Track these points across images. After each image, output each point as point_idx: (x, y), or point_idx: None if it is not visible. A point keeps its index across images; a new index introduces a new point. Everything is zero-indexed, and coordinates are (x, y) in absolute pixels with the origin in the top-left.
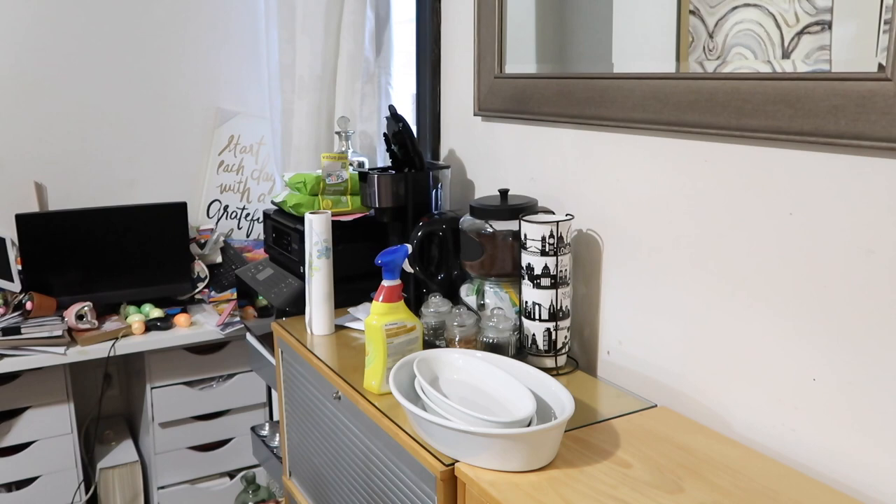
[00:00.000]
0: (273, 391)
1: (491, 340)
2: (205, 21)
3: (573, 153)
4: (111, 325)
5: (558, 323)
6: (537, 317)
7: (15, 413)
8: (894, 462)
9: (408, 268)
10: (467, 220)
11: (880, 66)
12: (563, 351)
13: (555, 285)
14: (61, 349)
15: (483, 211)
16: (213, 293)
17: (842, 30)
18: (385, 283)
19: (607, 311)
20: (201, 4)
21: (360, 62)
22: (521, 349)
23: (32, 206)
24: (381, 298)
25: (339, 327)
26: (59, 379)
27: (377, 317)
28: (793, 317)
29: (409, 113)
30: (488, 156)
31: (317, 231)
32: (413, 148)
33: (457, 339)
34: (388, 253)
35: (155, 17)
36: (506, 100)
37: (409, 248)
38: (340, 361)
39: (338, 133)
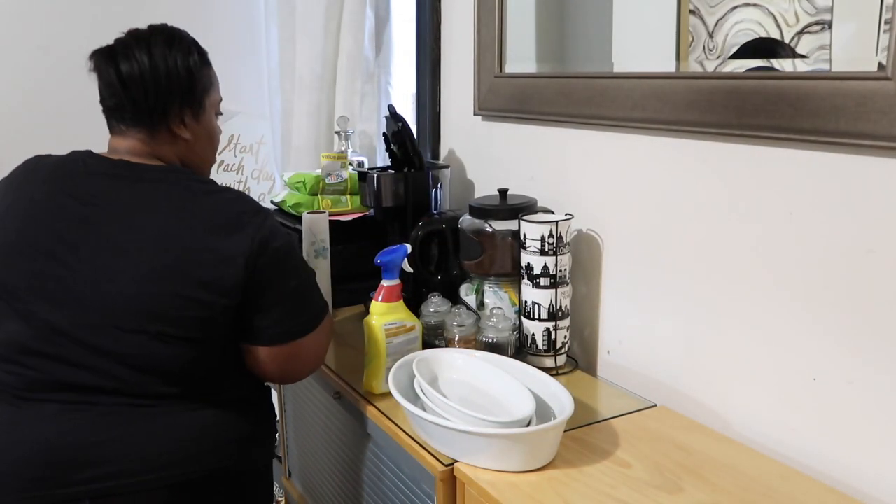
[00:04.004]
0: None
1: (490, 340)
2: (204, 20)
3: (573, 153)
4: None
5: (558, 322)
6: (537, 316)
7: None
8: (894, 461)
9: (407, 267)
10: (467, 220)
11: (880, 66)
12: (563, 351)
13: (554, 285)
14: None
15: (482, 210)
16: None
17: (842, 29)
18: (384, 282)
19: (607, 311)
20: (201, 4)
21: (360, 62)
22: (521, 349)
23: None
24: (380, 298)
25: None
26: None
27: (376, 316)
28: (793, 316)
29: (408, 112)
30: (488, 155)
31: (314, 231)
32: (413, 147)
33: (456, 338)
34: (388, 253)
35: (155, 17)
36: (506, 99)
37: (409, 247)
38: (340, 361)
39: (337, 133)
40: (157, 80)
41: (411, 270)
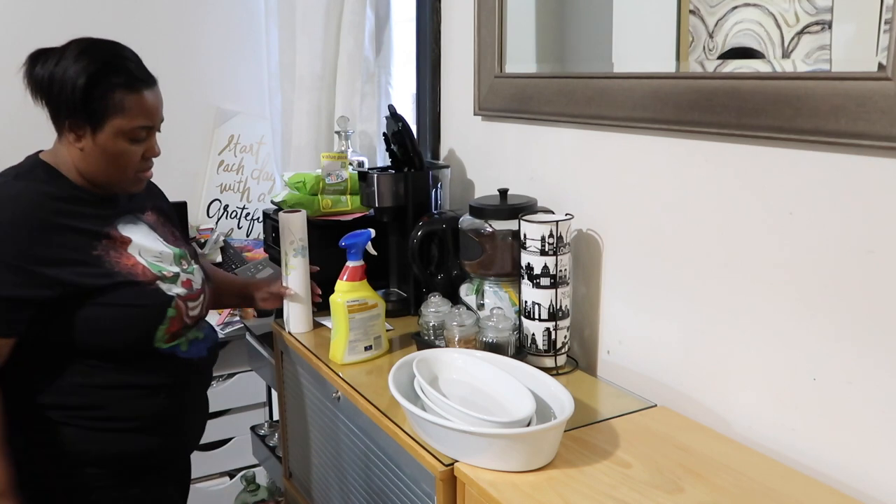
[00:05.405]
0: (273, 391)
1: (490, 340)
2: (205, 21)
3: (573, 153)
4: None
5: (558, 323)
6: (537, 316)
7: None
8: (894, 461)
9: (371, 251)
10: (467, 220)
11: (880, 66)
12: (563, 351)
13: (554, 285)
14: None
15: (482, 210)
16: None
17: (842, 29)
18: (349, 263)
19: (607, 311)
20: (201, 4)
21: (360, 62)
22: (521, 349)
23: None
24: (345, 278)
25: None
26: None
27: (341, 294)
28: (793, 316)
29: (409, 112)
30: (488, 155)
31: (292, 230)
32: (413, 148)
33: (456, 338)
34: (352, 236)
35: (155, 17)
36: (506, 99)
37: (372, 232)
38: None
39: (337, 133)
40: (51, 90)
41: (375, 254)
